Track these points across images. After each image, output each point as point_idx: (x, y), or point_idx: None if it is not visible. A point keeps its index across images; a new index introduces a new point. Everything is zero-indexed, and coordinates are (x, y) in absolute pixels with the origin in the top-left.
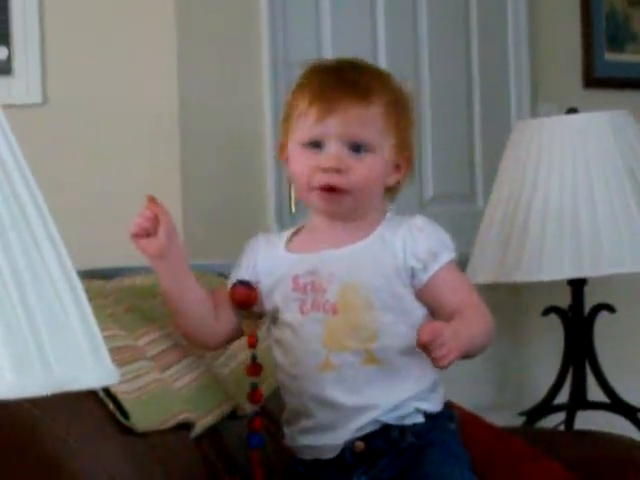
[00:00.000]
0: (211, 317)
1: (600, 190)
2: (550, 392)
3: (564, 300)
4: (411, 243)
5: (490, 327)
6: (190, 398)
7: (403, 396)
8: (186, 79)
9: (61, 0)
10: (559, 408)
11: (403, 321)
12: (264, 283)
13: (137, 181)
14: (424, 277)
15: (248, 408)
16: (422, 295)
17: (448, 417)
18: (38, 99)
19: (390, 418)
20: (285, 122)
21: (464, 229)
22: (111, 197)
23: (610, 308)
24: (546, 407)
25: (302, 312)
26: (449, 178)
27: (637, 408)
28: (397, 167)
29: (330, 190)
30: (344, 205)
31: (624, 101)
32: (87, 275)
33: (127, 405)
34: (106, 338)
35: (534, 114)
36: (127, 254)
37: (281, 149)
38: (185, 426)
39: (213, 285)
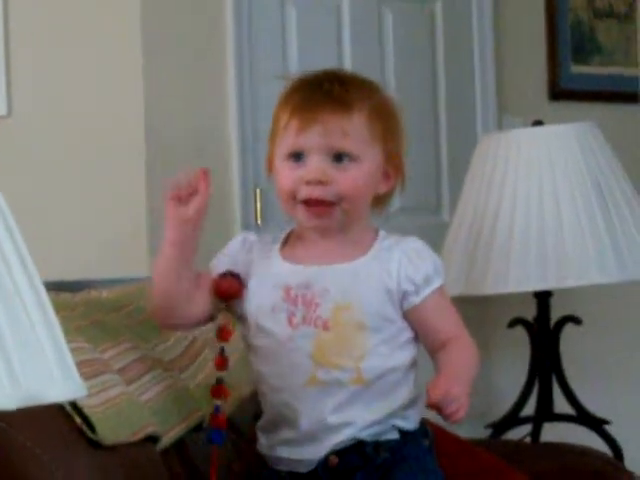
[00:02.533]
0: (187, 299)
1: (566, 202)
2: (516, 404)
3: (530, 312)
4: (407, 266)
5: (477, 357)
6: (156, 411)
7: (381, 414)
8: (152, 95)
9: (26, 12)
10: (525, 420)
11: (390, 343)
12: (252, 284)
13: (103, 193)
14: (415, 300)
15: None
16: (411, 317)
17: (423, 433)
18: (3, 111)
19: (366, 435)
20: (271, 136)
21: (430, 241)
22: (76, 209)
23: (576, 320)
24: (512, 419)
25: (291, 324)
26: (415, 190)
27: (603, 420)
28: (387, 175)
29: (316, 204)
30: (332, 219)
31: (589, 113)
32: (54, 287)
33: (94, 419)
34: (72, 351)
35: (500, 127)
36: (93, 267)
37: (269, 164)
38: (152, 439)
39: None
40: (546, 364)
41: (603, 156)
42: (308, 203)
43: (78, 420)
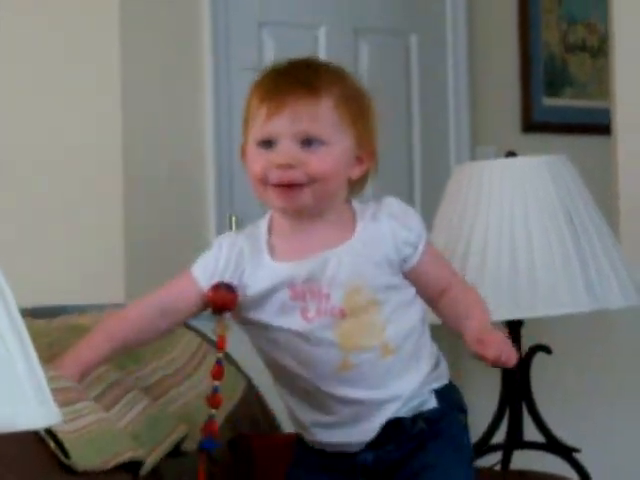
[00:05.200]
0: (158, 331)
1: (538, 233)
2: (487, 432)
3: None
4: (400, 230)
5: (479, 293)
6: (139, 433)
7: (420, 379)
8: (130, 126)
9: (7, 33)
10: (496, 448)
11: (400, 307)
12: (252, 292)
13: (80, 220)
14: (414, 260)
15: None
16: (411, 275)
17: (459, 408)
18: None
19: (407, 410)
20: (244, 123)
21: None
22: (54, 236)
23: (547, 349)
24: (483, 446)
25: (306, 319)
26: None
27: (573, 448)
28: (360, 160)
29: (288, 187)
30: (303, 200)
31: (561, 145)
32: (30, 313)
33: (68, 444)
34: (48, 379)
35: (473, 158)
36: (70, 293)
37: (242, 150)
38: (129, 467)
39: None
40: (517, 392)
41: (575, 188)
42: (278, 185)
43: (52, 445)
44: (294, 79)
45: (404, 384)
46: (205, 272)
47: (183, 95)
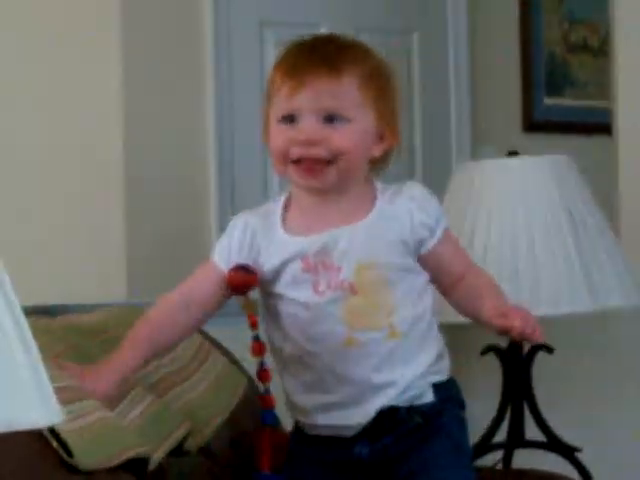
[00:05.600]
0: (186, 328)
1: (539, 233)
2: (488, 431)
3: (503, 340)
4: (419, 214)
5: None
6: (143, 429)
7: (421, 369)
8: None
9: (7, 33)
10: (497, 447)
11: (412, 291)
12: (268, 267)
13: (84, 220)
14: (431, 242)
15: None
16: (427, 259)
17: (459, 403)
18: None
19: (403, 400)
20: (266, 101)
21: None
22: (58, 235)
23: (548, 348)
24: (484, 445)
25: (317, 292)
26: None
27: (574, 447)
28: (382, 139)
29: (311, 163)
30: (326, 178)
31: (562, 145)
32: (34, 311)
33: (71, 442)
34: (50, 377)
35: (474, 156)
36: (74, 292)
37: (264, 130)
38: (133, 465)
39: None
40: (518, 391)
41: (576, 188)
42: (300, 162)
43: (54, 443)
44: (316, 56)
45: (406, 371)
46: (222, 256)
47: (184, 95)
